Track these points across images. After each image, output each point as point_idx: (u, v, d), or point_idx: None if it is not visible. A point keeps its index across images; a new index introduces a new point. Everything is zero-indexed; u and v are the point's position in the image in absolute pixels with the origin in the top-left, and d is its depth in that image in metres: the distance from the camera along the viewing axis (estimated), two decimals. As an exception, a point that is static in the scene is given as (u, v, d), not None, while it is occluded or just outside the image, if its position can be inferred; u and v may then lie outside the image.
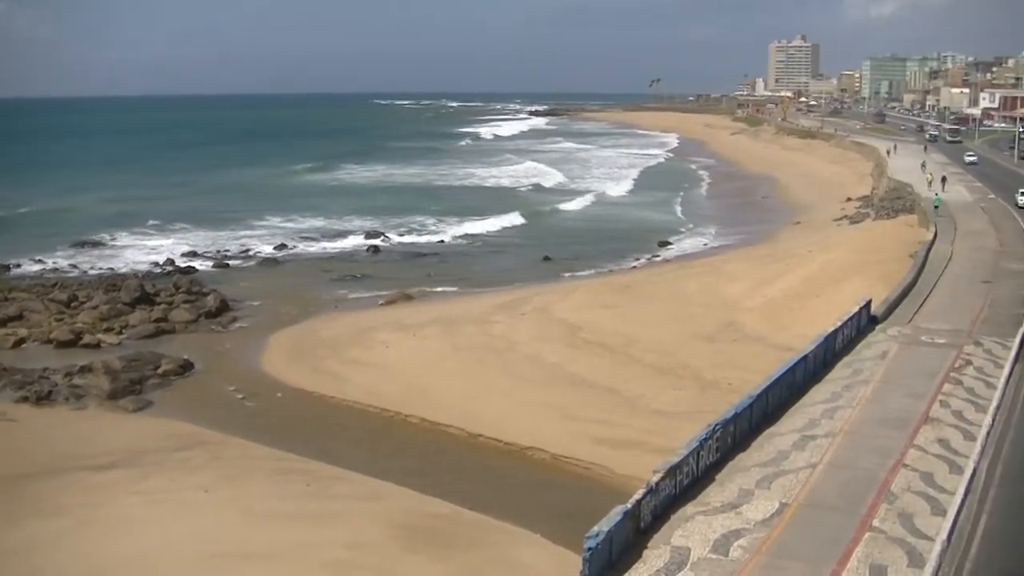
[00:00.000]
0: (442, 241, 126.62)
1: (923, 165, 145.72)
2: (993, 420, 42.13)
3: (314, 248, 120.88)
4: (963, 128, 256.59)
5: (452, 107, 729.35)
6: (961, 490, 34.41)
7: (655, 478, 31.82)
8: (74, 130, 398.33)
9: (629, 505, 29.92)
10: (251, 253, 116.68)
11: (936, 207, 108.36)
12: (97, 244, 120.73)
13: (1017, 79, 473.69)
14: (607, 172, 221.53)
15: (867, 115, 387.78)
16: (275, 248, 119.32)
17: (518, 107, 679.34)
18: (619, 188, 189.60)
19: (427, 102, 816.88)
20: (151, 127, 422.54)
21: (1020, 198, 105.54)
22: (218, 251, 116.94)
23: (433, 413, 59.01)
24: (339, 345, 73.89)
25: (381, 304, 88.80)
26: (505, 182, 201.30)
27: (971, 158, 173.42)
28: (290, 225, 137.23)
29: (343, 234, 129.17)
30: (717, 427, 36.55)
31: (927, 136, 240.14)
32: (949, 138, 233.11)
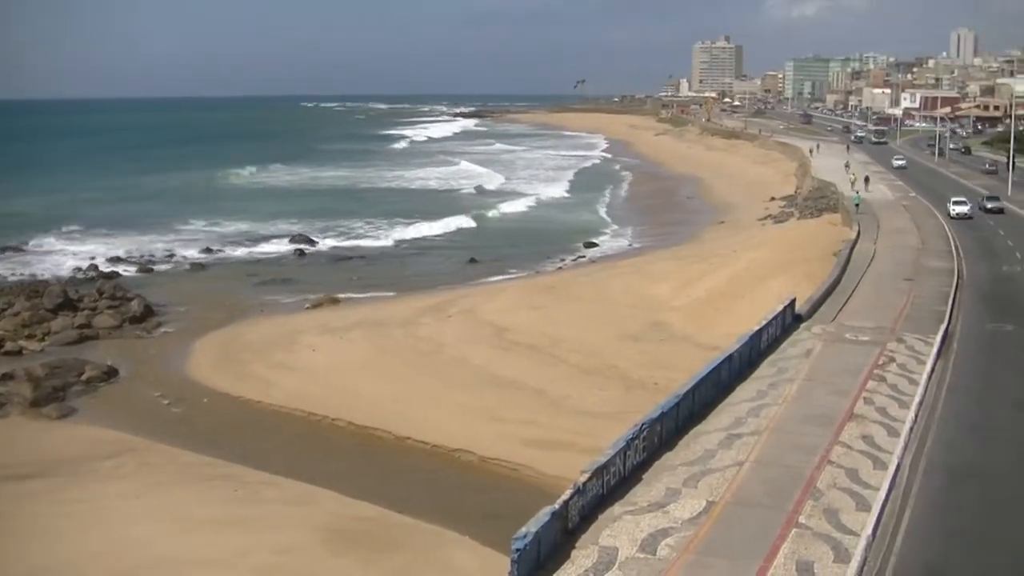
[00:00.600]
0: (371, 244, 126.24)
1: (847, 165, 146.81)
2: (916, 416, 42.66)
3: (240, 252, 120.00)
4: (887, 129, 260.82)
5: (381, 109, 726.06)
6: (885, 485, 34.78)
7: (582, 479, 31.87)
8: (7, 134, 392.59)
9: (557, 506, 29.95)
10: (176, 258, 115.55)
11: (857, 205, 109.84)
12: (18, 249, 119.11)
13: (937, 79, 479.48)
14: (534, 173, 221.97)
15: (791, 116, 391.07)
16: (200, 252, 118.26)
17: (445, 109, 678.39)
18: (547, 189, 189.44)
19: (353, 104, 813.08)
20: (69, 132, 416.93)
21: (952, 208, 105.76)
22: (142, 256, 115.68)
23: (360, 416, 58.77)
24: (265, 349, 73.48)
25: (307, 308, 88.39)
26: (433, 184, 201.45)
27: (899, 162, 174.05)
28: (216, 229, 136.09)
29: (269, 238, 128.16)
30: (644, 427, 36.65)
31: (853, 137, 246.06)
32: (875, 139, 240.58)
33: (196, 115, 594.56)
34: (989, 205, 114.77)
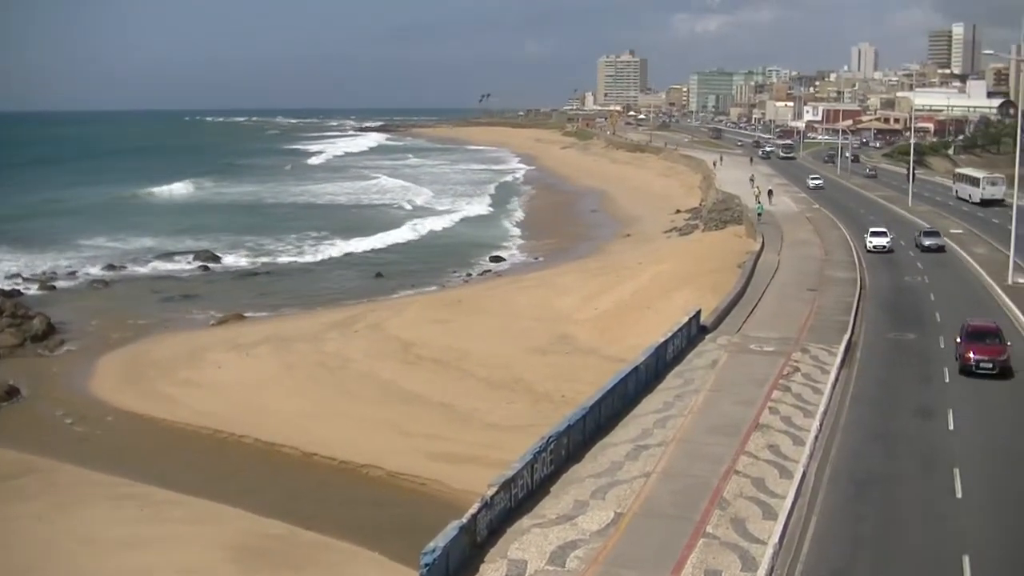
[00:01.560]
0: (278, 260, 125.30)
1: (752, 179, 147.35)
2: (821, 425, 43.19)
3: (144, 269, 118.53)
4: (795, 143, 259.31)
5: (290, 123, 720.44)
6: (791, 494, 35.14)
7: (490, 492, 31.89)
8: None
9: (465, 520, 29.94)
10: (79, 275, 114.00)
11: (759, 214, 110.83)
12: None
13: (839, 93, 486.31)
14: (442, 188, 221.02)
15: (695, 129, 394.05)
16: (104, 269, 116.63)
17: (353, 123, 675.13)
18: (454, 203, 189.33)
19: (261, 119, 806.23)
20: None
21: (870, 240, 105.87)
22: (44, 273, 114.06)
23: (267, 433, 58.41)
24: (170, 366, 72.82)
25: (213, 324, 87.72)
26: (343, 199, 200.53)
27: (816, 182, 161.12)
28: (119, 246, 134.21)
29: (174, 254, 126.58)
30: (551, 439, 36.74)
31: (761, 152, 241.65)
32: (783, 154, 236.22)
33: (95, 129, 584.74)
34: (927, 243, 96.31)
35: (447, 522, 29.72)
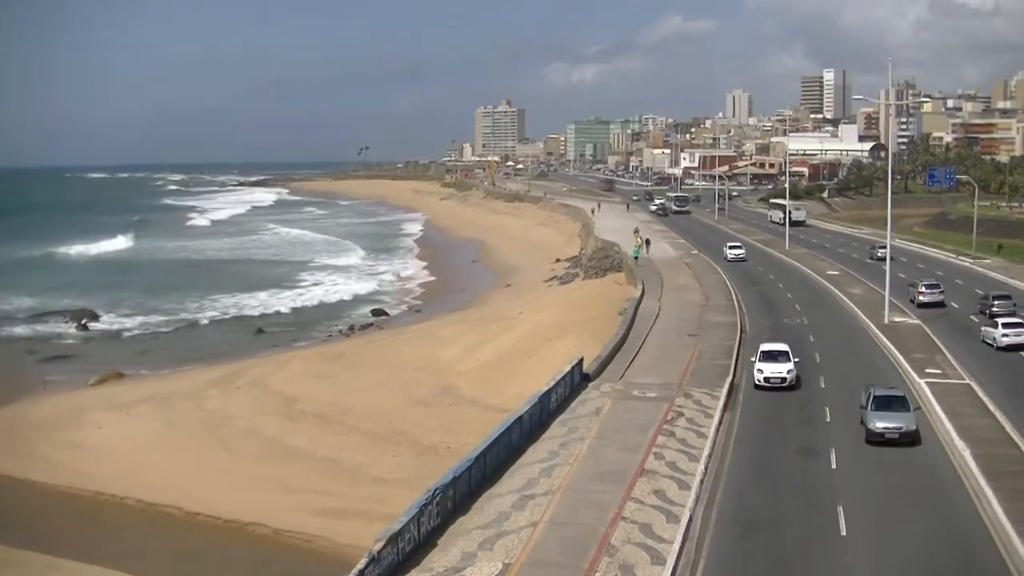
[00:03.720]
0: (159, 318, 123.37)
1: (636, 231, 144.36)
2: (706, 468, 43.45)
3: (20, 329, 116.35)
4: (691, 196, 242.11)
5: (173, 179, 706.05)
6: (679, 538, 35.29)
7: (377, 547, 31.66)
8: None
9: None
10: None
11: (636, 258, 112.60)
12: None
13: (715, 139, 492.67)
14: (329, 241, 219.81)
15: (575, 177, 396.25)
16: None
17: (238, 177, 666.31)
18: (335, 259, 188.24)
19: (126, 175, 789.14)
20: None
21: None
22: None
23: (149, 493, 57.64)
24: (49, 428, 71.56)
25: (92, 384, 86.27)
26: (225, 255, 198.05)
27: (736, 252, 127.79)
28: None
29: (52, 313, 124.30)
30: (437, 492, 36.60)
31: (653, 208, 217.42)
32: (676, 207, 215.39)
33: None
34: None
35: (334, 578, 29.49)
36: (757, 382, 60.15)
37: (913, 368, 62.85)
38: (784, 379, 59.74)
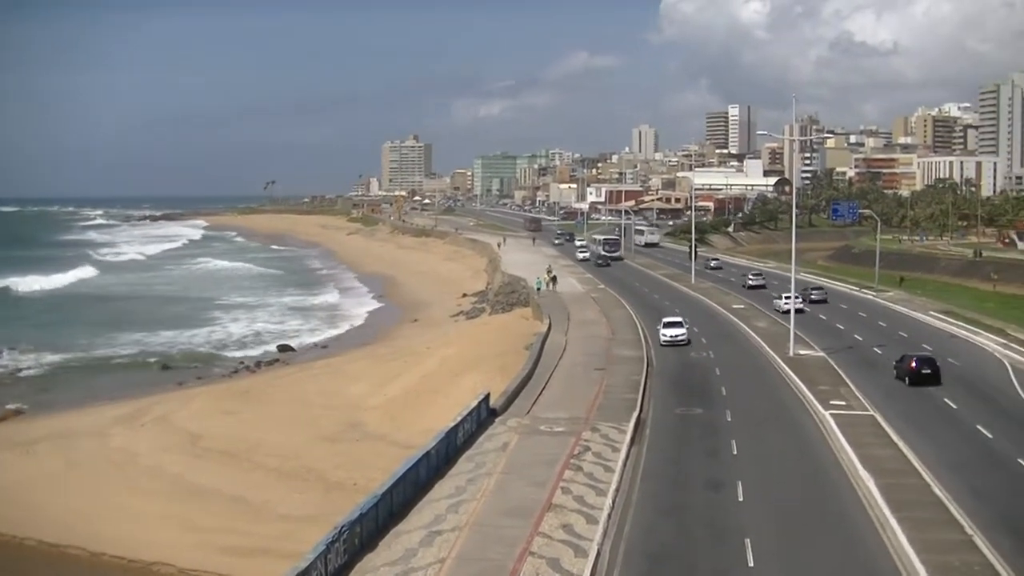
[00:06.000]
0: (61, 356, 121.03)
1: (549, 270, 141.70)
2: (613, 502, 43.46)
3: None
4: (619, 239, 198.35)
5: (68, 211, 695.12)
6: (587, 573, 35.25)
7: (283, 585, 31.34)
8: None
9: (257, 614, 29.37)
10: None
11: (538, 289, 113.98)
12: None
13: (621, 174, 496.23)
14: (227, 281, 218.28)
15: (482, 212, 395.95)
16: None
17: (146, 212, 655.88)
18: (240, 297, 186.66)
19: (36, 208, 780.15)
20: None
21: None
22: None
23: (51, 534, 56.57)
24: (-55, 469, 70.26)
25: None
26: (123, 290, 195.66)
27: (675, 334, 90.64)
28: None
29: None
30: (343, 529, 36.33)
31: (579, 255, 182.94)
32: (605, 251, 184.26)
33: None
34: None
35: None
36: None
37: (818, 399, 63.57)
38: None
